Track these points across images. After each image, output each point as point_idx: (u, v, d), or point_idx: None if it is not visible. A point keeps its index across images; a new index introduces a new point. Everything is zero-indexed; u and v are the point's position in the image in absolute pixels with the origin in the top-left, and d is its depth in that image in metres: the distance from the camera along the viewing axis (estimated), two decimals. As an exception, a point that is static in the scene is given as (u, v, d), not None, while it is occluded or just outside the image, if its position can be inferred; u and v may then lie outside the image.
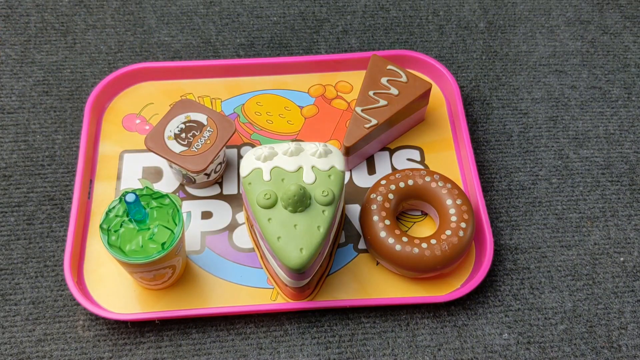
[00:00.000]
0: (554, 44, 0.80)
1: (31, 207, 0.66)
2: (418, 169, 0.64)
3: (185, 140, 0.62)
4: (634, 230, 0.67)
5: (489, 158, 0.71)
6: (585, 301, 0.63)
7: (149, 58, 0.77)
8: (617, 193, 0.69)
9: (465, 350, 0.60)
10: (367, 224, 0.61)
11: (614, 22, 0.82)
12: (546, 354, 0.60)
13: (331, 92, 0.74)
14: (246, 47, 0.78)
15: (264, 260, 0.61)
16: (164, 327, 0.60)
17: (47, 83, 0.74)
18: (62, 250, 0.64)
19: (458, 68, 0.78)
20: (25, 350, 0.59)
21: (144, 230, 0.54)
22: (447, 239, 0.60)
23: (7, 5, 0.81)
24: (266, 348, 0.60)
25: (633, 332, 0.61)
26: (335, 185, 0.56)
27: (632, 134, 0.73)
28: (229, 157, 0.69)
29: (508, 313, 0.62)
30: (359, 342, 0.60)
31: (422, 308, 0.62)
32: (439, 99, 0.74)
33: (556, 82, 0.77)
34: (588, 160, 0.71)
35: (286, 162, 0.57)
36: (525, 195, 0.69)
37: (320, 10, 0.82)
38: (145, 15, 0.81)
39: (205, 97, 0.73)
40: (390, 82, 0.68)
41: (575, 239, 0.66)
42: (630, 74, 0.78)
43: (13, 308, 0.61)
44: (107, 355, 0.59)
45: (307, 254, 0.53)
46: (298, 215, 0.54)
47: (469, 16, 0.82)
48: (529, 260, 0.65)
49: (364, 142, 0.66)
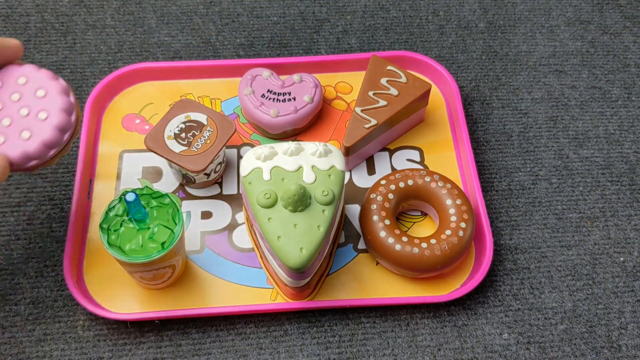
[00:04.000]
0: (554, 44, 0.80)
1: (31, 207, 0.66)
2: (418, 169, 0.64)
3: (185, 140, 0.62)
4: (634, 230, 0.67)
5: (489, 158, 0.71)
6: (585, 301, 0.63)
7: (149, 58, 0.77)
8: (617, 193, 0.69)
9: (465, 350, 0.60)
10: (367, 223, 0.61)
11: (614, 22, 0.82)
12: (546, 354, 0.60)
13: (331, 93, 0.74)
14: (246, 47, 0.79)
15: (263, 260, 0.61)
16: (164, 327, 0.60)
17: (47, 83, 0.74)
18: (62, 250, 0.64)
19: (458, 68, 0.78)
20: (25, 350, 0.59)
21: (143, 230, 0.54)
22: (447, 239, 0.60)
23: (7, 5, 0.81)
24: (266, 348, 0.60)
25: (633, 332, 0.61)
26: (335, 185, 0.56)
27: (632, 134, 0.73)
28: (229, 157, 0.69)
29: (508, 313, 0.62)
30: (359, 342, 0.60)
31: (422, 308, 0.62)
32: (438, 99, 0.74)
33: (556, 82, 0.77)
34: (588, 160, 0.71)
35: (286, 162, 0.57)
36: (525, 195, 0.69)
37: (320, 10, 0.82)
38: (145, 15, 0.81)
39: (205, 97, 0.73)
40: (390, 83, 0.68)
41: (575, 239, 0.66)
42: (630, 74, 0.78)
43: (13, 308, 0.61)
44: (107, 355, 0.59)
45: (307, 254, 0.53)
46: (298, 215, 0.54)
47: (469, 16, 0.82)
48: (529, 260, 0.65)
49: (364, 142, 0.66)
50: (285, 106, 0.68)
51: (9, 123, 0.51)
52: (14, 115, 0.51)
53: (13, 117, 0.51)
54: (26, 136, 0.50)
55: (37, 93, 0.51)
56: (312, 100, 0.68)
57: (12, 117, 0.51)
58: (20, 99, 0.51)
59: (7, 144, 0.50)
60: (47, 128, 0.51)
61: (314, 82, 0.70)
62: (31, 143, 0.50)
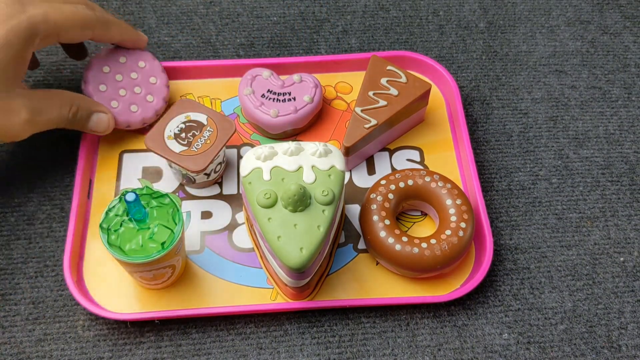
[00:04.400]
0: (554, 44, 0.80)
1: (31, 207, 0.66)
2: (418, 169, 0.64)
3: (185, 140, 0.63)
4: (634, 230, 0.67)
5: (489, 158, 0.71)
6: (585, 301, 0.63)
7: (149, 58, 0.77)
8: (617, 193, 0.69)
9: (465, 350, 0.60)
10: (367, 223, 0.61)
11: (614, 22, 0.82)
12: (546, 354, 0.60)
13: (331, 93, 0.74)
14: (246, 47, 0.79)
15: (263, 260, 0.61)
16: (164, 327, 0.60)
17: (47, 83, 0.74)
18: (62, 250, 0.64)
19: (458, 68, 0.78)
20: (25, 350, 0.59)
21: (143, 230, 0.54)
22: (447, 238, 0.60)
23: (7, 6, 0.81)
24: (266, 348, 0.60)
25: (633, 332, 0.61)
26: (335, 185, 0.56)
27: (632, 134, 0.73)
28: (229, 157, 0.69)
29: (508, 313, 0.62)
30: (359, 342, 0.60)
31: (422, 308, 0.62)
32: (438, 99, 0.74)
33: (556, 82, 0.77)
34: (588, 160, 0.71)
35: (286, 162, 0.57)
36: (525, 195, 0.69)
37: (320, 10, 0.82)
38: (145, 15, 0.81)
39: (205, 97, 0.73)
40: (390, 83, 0.68)
41: (575, 239, 0.66)
42: (630, 74, 0.78)
43: (13, 308, 0.61)
44: (107, 355, 0.59)
45: (307, 254, 0.53)
46: (298, 215, 0.54)
47: (469, 16, 0.82)
48: (529, 260, 0.65)
49: (364, 142, 0.66)
50: (285, 106, 0.68)
51: (124, 94, 0.66)
52: (129, 90, 0.66)
53: (127, 91, 0.66)
54: (134, 109, 0.66)
55: (150, 80, 0.67)
56: (312, 100, 0.68)
57: (127, 90, 0.66)
58: (137, 79, 0.67)
59: (117, 110, 0.66)
60: (150, 109, 0.67)
61: (314, 82, 0.70)
62: (136, 116, 0.67)
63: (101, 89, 0.66)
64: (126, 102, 0.66)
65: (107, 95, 0.66)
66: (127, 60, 0.67)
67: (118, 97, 0.66)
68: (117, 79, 0.66)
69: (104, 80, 0.66)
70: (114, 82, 0.66)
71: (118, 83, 0.66)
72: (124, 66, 0.67)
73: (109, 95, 0.66)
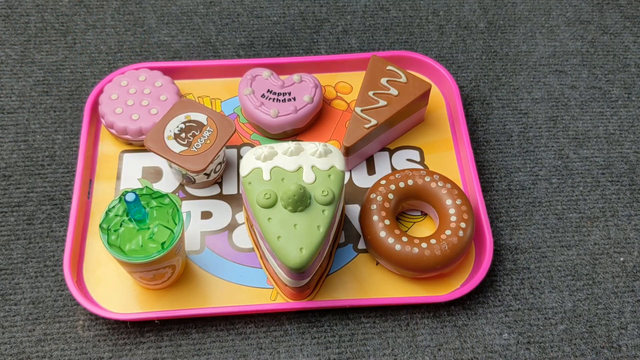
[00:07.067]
0: (554, 44, 0.80)
1: (31, 207, 0.66)
2: (418, 169, 0.64)
3: (185, 140, 0.62)
4: (634, 230, 0.67)
5: (489, 158, 0.71)
6: (585, 301, 0.63)
7: (149, 58, 0.77)
8: (617, 193, 0.69)
9: (465, 350, 0.60)
10: (367, 224, 0.61)
11: (614, 22, 0.82)
12: (546, 354, 0.60)
13: (331, 93, 0.74)
14: (246, 47, 0.79)
15: (263, 260, 0.61)
16: (164, 327, 0.60)
17: (47, 83, 0.75)
18: (62, 250, 0.64)
19: (458, 68, 0.78)
20: (25, 350, 0.59)
21: (143, 230, 0.54)
22: (447, 239, 0.60)
23: (7, 5, 0.81)
24: (266, 348, 0.60)
25: (633, 332, 0.61)
26: (335, 185, 0.56)
27: (632, 134, 0.73)
28: (229, 157, 0.69)
29: (508, 313, 0.62)
30: (359, 342, 0.60)
31: (422, 308, 0.62)
32: (438, 99, 0.74)
33: (556, 82, 0.77)
34: (588, 160, 0.71)
35: (286, 162, 0.57)
36: (525, 195, 0.69)
37: (320, 10, 0.82)
38: (145, 15, 0.81)
39: (205, 97, 0.73)
40: (390, 83, 0.68)
41: (575, 239, 0.66)
42: (630, 74, 0.78)
43: (13, 308, 0.61)
44: (107, 355, 0.59)
45: (307, 254, 0.53)
46: (298, 215, 0.54)
47: (469, 16, 0.82)
48: (529, 260, 0.65)
49: (364, 142, 0.66)
50: (285, 106, 0.68)
51: (131, 103, 0.68)
52: (137, 101, 0.68)
53: (135, 102, 0.68)
54: (135, 117, 0.67)
55: (161, 97, 0.68)
56: (312, 100, 0.68)
57: (135, 101, 0.68)
58: (149, 94, 0.69)
59: (119, 115, 0.67)
60: (149, 121, 0.67)
61: (314, 82, 0.70)
62: (135, 123, 0.67)
63: (112, 97, 0.68)
64: (130, 110, 0.67)
65: (115, 102, 0.68)
66: (146, 78, 0.70)
67: (124, 106, 0.68)
68: (130, 91, 0.69)
69: (117, 90, 0.69)
70: (126, 94, 0.69)
71: (129, 95, 0.69)
72: (141, 83, 0.69)
73: (117, 103, 0.68)
